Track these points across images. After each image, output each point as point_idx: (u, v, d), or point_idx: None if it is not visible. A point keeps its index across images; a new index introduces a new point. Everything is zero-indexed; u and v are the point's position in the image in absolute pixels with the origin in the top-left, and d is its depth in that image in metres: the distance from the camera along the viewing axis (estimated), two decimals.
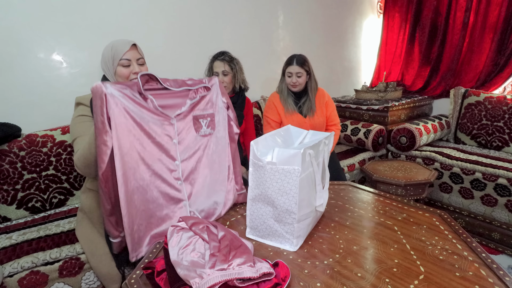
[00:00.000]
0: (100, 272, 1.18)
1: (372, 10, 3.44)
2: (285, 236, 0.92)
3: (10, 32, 1.62)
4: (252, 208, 0.96)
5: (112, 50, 1.19)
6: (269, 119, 1.91)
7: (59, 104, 1.80)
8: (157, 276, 0.78)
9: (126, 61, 1.19)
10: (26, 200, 1.59)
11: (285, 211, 0.89)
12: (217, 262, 0.71)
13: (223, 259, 0.72)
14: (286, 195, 0.88)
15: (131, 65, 1.21)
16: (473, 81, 2.70)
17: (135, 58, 1.22)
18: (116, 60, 1.19)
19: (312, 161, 0.91)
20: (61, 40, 1.77)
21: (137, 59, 1.22)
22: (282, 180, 0.87)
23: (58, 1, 1.72)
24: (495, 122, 2.30)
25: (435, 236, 0.93)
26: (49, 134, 1.67)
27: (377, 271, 0.78)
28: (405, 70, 3.21)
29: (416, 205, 1.14)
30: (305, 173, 0.88)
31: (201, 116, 1.15)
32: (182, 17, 2.17)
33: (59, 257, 1.26)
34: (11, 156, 1.55)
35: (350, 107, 2.85)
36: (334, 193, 1.29)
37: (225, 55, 1.76)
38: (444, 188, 2.20)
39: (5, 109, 1.66)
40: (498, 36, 2.47)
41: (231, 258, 0.74)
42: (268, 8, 2.60)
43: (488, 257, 0.81)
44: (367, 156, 2.46)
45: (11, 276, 1.18)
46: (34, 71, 1.71)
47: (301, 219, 0.91)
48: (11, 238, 1.33)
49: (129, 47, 1.19)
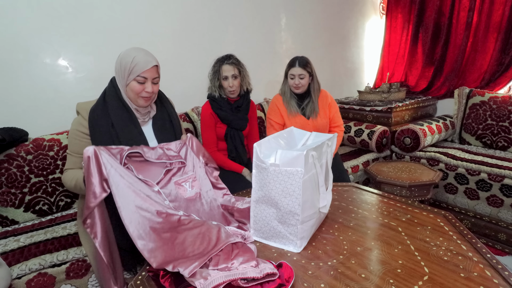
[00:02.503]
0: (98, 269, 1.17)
1: (374, 11, 3.43)
2: (289, 237, 0.92)
3: (16, 38, 1.65)
4: (256, 210, 0.97)
5: (133, 63, 1.16)
6: (272, 121, 1.91)
7: (65, 108, 1.82)
8: (162, 278, 0.79)
9: (143, 78, 1.18)
10: (34, 203, 1.61)
11: (289, 213, 0.90)
12: (220, 260, 0.72)
13: (225, 258, 0.73)
14: (289, 197, 0.88)
15: (146, 83, 1.19)
16: (477, 81, 2.68)
17: (152, 77, 1.20)
18: (133, 74, 1.17)
19: (315, 163, 0.92)
20: (67, 46, 1.79)
21: (153, 78, 1.21)
22: (285, 182, 0.88)
23: (63, 7, 1.74)
24: (500, 122, 2.28)
25: (439, 237, 0.92)
26: (55, 138, 1.70)
27: (381, 272, 0.78)
28: (408, 71, 3.20)
29: (421, 206, 1.13)
30: (308, 174, 0.88)
31: (182, 180, 1.15)
32: (185, 21, 2.19)
33: (66, 259, 1.27)
34: (19, 160, 1.57)
35: (354, 108, 2.85)
36: (338, 194, 1.29)
37: (232, 58, 1.77)
38: (449, 189, 2.18)
39: (13, 114, 1.69)
40: (502, 35, 2.46)
41: (234, 257, 0.74)
42: (270, 10, 2.61)
43: (493, 257, 0.80)
44: (371, 157, 2.46)
45: (19, 278, 1.20)
46: (41, 76, 1.74)
47: (305, 221, 0.91)
48: (19, 241, 1.35)
49: (150, 67, 1.18)
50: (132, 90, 1.19)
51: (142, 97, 1.21)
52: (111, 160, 0.95)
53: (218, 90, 1.78)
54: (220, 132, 1.81)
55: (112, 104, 1.21)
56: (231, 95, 1.79)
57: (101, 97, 1.24)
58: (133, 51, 1.19)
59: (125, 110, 1.22)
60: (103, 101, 1.22)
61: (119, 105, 1.22)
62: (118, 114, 1.20)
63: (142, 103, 1.23)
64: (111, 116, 1.19)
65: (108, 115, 1.19)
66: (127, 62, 1.16)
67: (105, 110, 1.20)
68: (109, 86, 1.25)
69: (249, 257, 0.75)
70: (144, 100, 1.22)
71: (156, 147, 1.13)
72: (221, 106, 1.78)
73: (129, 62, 1.16)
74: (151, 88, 1.20)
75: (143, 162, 1.08)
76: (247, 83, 1.83)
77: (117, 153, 1.00)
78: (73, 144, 1.22)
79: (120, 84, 1.21)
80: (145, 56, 1.18)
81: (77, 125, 1.22)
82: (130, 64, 1.16)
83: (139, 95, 1.20)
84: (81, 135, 1.21)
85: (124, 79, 1.19)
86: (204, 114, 1.80)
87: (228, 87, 1.75)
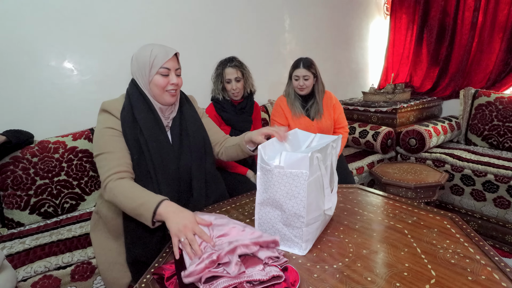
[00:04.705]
0: (106, 279, 1.18)
1: (378, 12, 3.42)
2: (294, 240, 0.92)
3: (22, 41, 1.67)
4: (261, 212, 0.96)
5: (152, 56, 1.09)
6: (276, 123, 1.91)
7: (70, 111, 1.84)
8: (166, 281, 0.79)
9: (166, 70, 1.10)
10: (39, 206, 1.62)
11: (294, 215, 0.89)
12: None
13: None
14: (294, 199, 0.88)
15: (170, 75, 1.12)
16: (483, 82, 2.66)
17: (174, 68, 1.13)
18: (155, 67, 1.09)
19: (320, 165, 0.91)
20: (72, 48, 1.81)
21: (176, 69, 1.14)
22: (290, 184, 0.87)
23: (68, 10, 1.76)
24: (506, 122, 2.26)
25: (446, 240, 0.91)
26: (60, 140, 1.71)
27: (387, 275, 0.77)
28: (413, 72, 3.19)
29: (427, 208, 1.12)
30: (313, 176, 0.88)
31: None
32: (189, 23, 2.20)
33: (71, 261, 1.28)
34: (24, 162, 1.59)
35: (358, 109, 2.84)
36: (343, 196, 1.28)
37: (235, 61, 1.77)
38: (456, 191, 2.16)
39: (18, 116, 1.70)
40: (508, 35, 2.44)
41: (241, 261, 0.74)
42: (274, 12, 2.62)
43: (501, 260, 0.79)
44: (376, 158, 2.44)
45: (24, 280, 1.20)
46: (46, 79, 1.76)
47: (310, 223, 0.90)
48: (25, 243, 1.36)
49: (171, 56, 1.11)
50: (156, 86, 1.11)
51: (168, 91, 1.12)
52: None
53: (221, 92, 1.78)
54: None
55: (138, 106, 1.12)
56: (235, 97, 1.79)
57: (126, 100, 1.14)
58: (148, 46, 1.13)
59: (151, 111, 1.14)
60: (129, 103, 1.13)
61: (145, 107, 1.13)
62: (144, 118, 1.12)
63: (168, 99, 1.13)
64: (138, 120, 1.11)
65: (135, 119, 1.11)
66: (145, 57, 1.09)
67: (131, 113, 1.11)
68: (131, 87, 1.16)
69: (256, 260, 0.74)
70: (171, 95, 1.13)
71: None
72: (225, 108, 1.78)
73: (148, 56, 1.09)
74: (176, 79, 1.13)
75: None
76: (251, 84, 1.84)
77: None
78: (107, 142, 1.08)
79: (143, 83, 1.13)
80: (162, 47, 1.12)
81: (107, 122, 1.10)
82: (149, 58, 1.09)
83: (164, 90, 1.12)
84: (114, 132, 1.10)
85: (146, 75, 1.11)
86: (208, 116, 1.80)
87: (231, 89, 1.75)
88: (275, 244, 0.83)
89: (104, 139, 1.08)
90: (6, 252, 1.30)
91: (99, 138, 1.08)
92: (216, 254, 0.73)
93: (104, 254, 1.19)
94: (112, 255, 1.18)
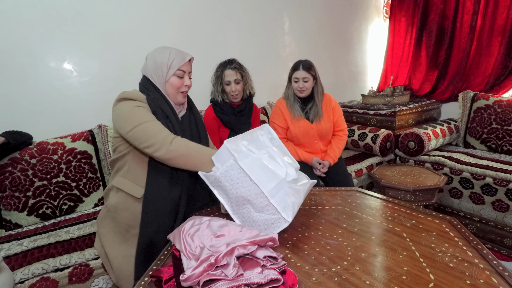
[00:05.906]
0: (122, 273, 1.14)
1: (378, 15, 3.43)
2: (274, 218, 0.95)
3: (21, 43, 1.67)
4: (238, 217, 1.00)
5: (170, 57, 1.17)
6: (275, 125, 1.91)
7: (70, 112, 1.84)
8: (165, 284, 0.79)
9: (182, 72, 1.19)
10: (37, 207, 1.61)
11: (256, 197, 0.93)
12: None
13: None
14: (245, 184, 0.94)
15: (185, 77, 1.21)
16: (482, 85, 2.66)
17: (188, 71, 1.23)
18: (173, 68, 1.17)
19: (250, 148, 1.00)
20: (71, 50, 1.81)
21: (189, 72, 1.24)
22: (232, 176, 0.95)
23: (68, 12, 1.76)
24: (505, 126, 2.26)
25: (445, 243, 0.91)
26: (59, 141, 1.70)
27: (386, 279, 0.77)
28: (412, 74, 3.19)
29: (425, 211, 1.12)
30: (246, 159, 0.95)
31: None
32: (188, 25, 2.20)
33: (69, 263, 1.27)
34: (23, 164, 1.58)
35: (357, 112, 2.84)
36: (341, 199, 1.28)
37: (234, 63, 1.78)
38: (454, 194, 2.16)
39: (17, 118, 1.70)
40: (506, 39, 2.45)
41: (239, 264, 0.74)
42: (273, 14, 2.62)
43: (499, 264, 0.79)
44: (375, 161, 2.44)
45: (22, 282, 1.20)
46: (45, 80, 1.75)
47: (273, 194, 0.94)
48: (22, 245, 1.36)
49: (188, 59, 1.21)
50: (172, 86, 1.19)
51: (181, 92, 1.21)
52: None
53: (221, 94, 1.78)
54: (223, 136, 1.81)
55: (159, 98, 1.17)
56: (234, 99, 1.79)
57: (145, 93, 1.18)
58: (165, 48, 1.19)
59: (168, 106, 1.20)
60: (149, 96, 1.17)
61: (164, 101, 1.19)
62: (166, 109, 1.18)
63: (181, 99, 1.23)
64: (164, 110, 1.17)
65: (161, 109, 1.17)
66: (163, 58, 1.16)
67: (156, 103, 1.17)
68: (147, 83, 1.20)
69: (254, 263, 0.74)
70: (183, 95, 1.23)
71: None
72: (224, 110, 1.78)
73: (166, 57, 1.16)
74: (189, 81, 1.22)
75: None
76: (250, 87, 1.84)
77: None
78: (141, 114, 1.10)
79: (159, 82, 1.19)
80: (179, 51, 1.20)
81: (135, 103, 1.12)
82: (167, 59, 1.16)
83: (179, 90, 1.20)
84: (146, 107, 1.13)
85: (163, 76, 1.17)
86: (207, 118, 1.80)
87: (230, 92, 1.75)
88: (273, 243, 0.84)
89: (141, 112, 1.10)
90: (4, 254, 1.30)
91: (134, 113, 1.10)
92: (214, 257, 0.73)
93: (116, 248, 1.16)
94: (124, 248, 1.15)
